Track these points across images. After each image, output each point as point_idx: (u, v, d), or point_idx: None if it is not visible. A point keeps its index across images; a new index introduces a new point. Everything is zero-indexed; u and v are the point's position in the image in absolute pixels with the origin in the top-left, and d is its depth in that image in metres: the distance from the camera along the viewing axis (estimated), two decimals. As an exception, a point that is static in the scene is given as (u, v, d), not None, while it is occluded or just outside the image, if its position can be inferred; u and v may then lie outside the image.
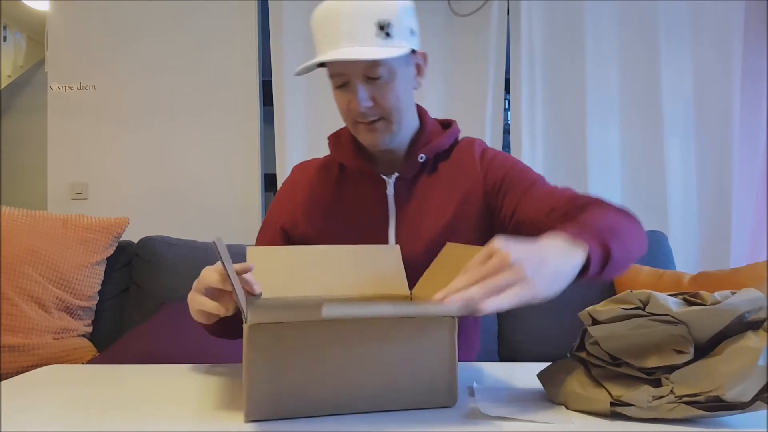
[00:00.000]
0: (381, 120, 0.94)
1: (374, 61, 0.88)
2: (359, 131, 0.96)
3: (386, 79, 0.91)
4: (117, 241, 1.80)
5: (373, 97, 0.92)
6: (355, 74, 0.90)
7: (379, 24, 0.87)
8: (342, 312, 0.52)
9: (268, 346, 0.60)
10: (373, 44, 0.87)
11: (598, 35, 2.35)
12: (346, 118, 0.97)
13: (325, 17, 0.90)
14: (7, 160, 2.89)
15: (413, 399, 0.64)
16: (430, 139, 1.01)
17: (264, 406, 0.60)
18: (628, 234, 0.76)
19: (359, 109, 0.91)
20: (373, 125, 0.94)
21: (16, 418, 0.62)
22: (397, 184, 1.00)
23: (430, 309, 0.59)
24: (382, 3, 0.88)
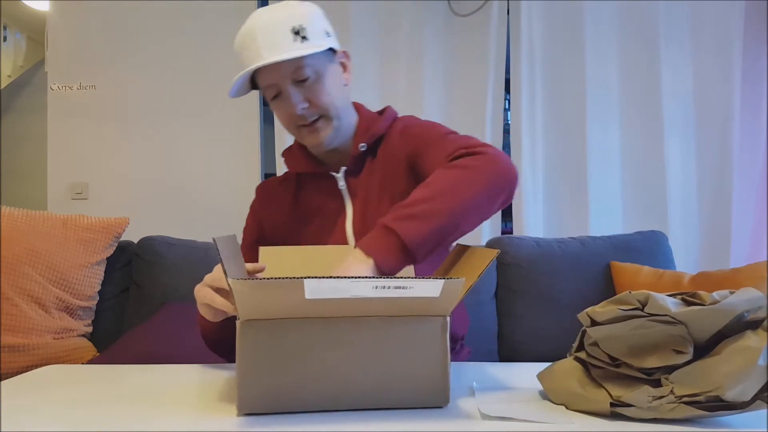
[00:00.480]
0: (320, 119, 0.98)
1: (298, 62, 0.92)
2: (303, 135, 1.00)
3: (314, 79, 0.95)
4: (117, 241, 1.80)
5: (306, 98, 0.96)
6: (283, 80, 0.94)
7: (294, 30, 0.92)
8: (323, 293, 0.56)
9: (261, 342, 0.61)
10: (293, 49, 0.91)
11: (598, 35, 2.35)
12: (288, 126, 1.00)
13: (243, 38, 0.94)
14: (7, 160, 2.89)
15: (405, 397, 0.64)
16: (368, 128, 1.05)
17: (256, 400, 0.61)
18: (443, 204, 0.78)
19: (296, 112, 0.95)
20: (314, 125, 0.98)
21: (16, 418, 0.62)
22: (348, 178, 1.04)
23: (410, 292, 0.59)
24: (292, 12, 0.94)
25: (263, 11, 0.95)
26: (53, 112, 2.43)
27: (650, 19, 2.33)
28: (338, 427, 0.59)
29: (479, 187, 0.81)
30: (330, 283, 0.57)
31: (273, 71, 0.93)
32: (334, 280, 0.57)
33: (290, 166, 1.10)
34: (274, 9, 0.95)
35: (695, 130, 2.35)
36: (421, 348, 0.63)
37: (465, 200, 0.80)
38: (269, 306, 0.60)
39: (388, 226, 0.77)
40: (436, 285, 0.58)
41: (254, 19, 0.94)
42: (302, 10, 0.95)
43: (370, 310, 0.61)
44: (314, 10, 0.98)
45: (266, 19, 0.93)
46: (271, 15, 0.94)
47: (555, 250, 1.88)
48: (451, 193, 0.80)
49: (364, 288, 0.58)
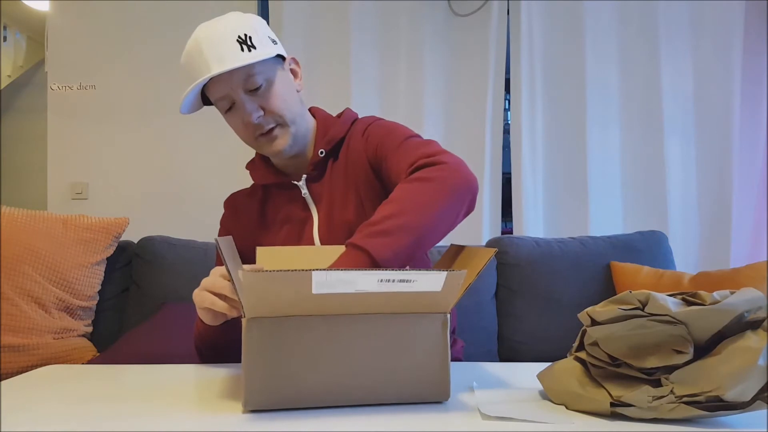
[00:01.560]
0: (276, 127, 0.98)
1: (249, 70, 0.93)
2: (262, 145, 0.99)
3: (266, 86, 0.96)
4: (117, 241, 1.80)
5: (260, 106, 0.95)
6: (235, 91, 0.94)
7: (240, 40, 0.92)
8: (330, 286, 0.58)
9: (266, 339, 0.62)
10: (241, 59, 0.91)
11: (598, 35, 2.35)
12: (247, 139, 1.00)
13: (189, 53, 0.94)
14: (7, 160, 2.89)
15: (407, 393, 0.65)
16: (326, 132, 1.05)
17: (261, 396, 0.62)
18: (409, 218, 0.79)
19: (252, 120, 0.95)
20: (271, 134, 0.98)
21: (16, 418, 0.62)
22: (310, 185, 1.04)
23: (414, 285, 0.61)
24: (235, 23, 0.94)
25: (205, 26, 0.95)
26: (53, 112, 2.42)
27: (650, 19, 2.33)
28: (341, 423, 0.59)
29: (444, 200, 0.83)
30: (337, 275, 0.58)
31: (224, 82, 0.93)
32: (341, 272, 0.59)
33: (255, 178, 1.10)
34: (216, 22, 0.95)
35: (695, 130, 2.35)
36: (422, 344, 0.65)
37: (431, 214, 0.81)
38: (275, 300, 0.60)
39: (358, 245, 0.78)
40: (438, 277, 0.60)
41: (198, 33, 0.94)
42: (245, 20, 0.96)
43: (373, 307, 0.62)
44: (256, 18, 0.98)
45: (210, 32, 0.93)
46: (215, 28, 0.94)
47: (555, 250, 1.88)
48: (417, 208, 0.81)
49: (370, 281, 0.59)
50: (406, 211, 0.80)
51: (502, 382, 0.78)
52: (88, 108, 2.42)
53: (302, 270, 0.58)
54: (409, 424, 0.59)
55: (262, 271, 0.61)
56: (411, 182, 0.84)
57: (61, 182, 2.42)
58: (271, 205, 1.08)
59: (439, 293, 0.62)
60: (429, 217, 0.81)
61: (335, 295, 0.60)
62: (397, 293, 0.61)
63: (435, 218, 0.81)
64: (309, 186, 1.04)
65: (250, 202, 1.11)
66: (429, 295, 0.62)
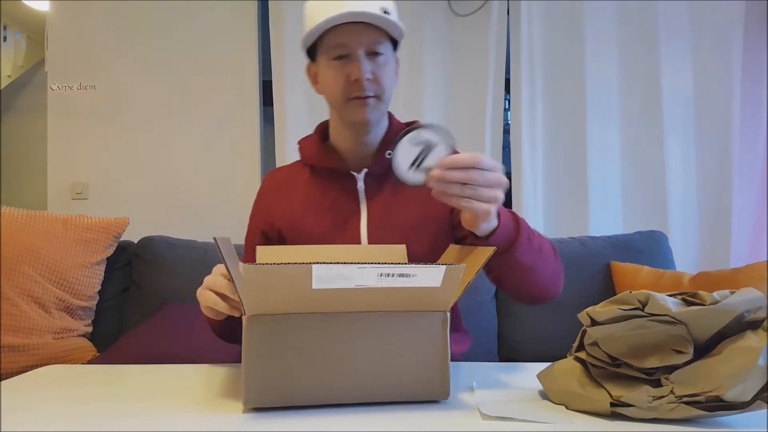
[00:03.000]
0: (374, 97, 0.97)
1: (379, 36, 0.94)
2: (351, 107, 0.98)
3: (385, 59, 0.97)
4: (117, 241, 1.80)
5: (372, 71, 0.95)
6: (358, 45, 0.94)
7: (383, 9, 0.93)
8: (330, 281, 0.59)
9: (266, 337, 0.62)
10: (380, 17, 0.92)
11: (598, 35, 2.35)
12: (339, 94, 0.98)
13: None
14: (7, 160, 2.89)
15: (406, 391, 0.65)
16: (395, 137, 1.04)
17: (262, 394, 0.62)
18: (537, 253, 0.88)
19: (364, 77, 0.94)
20: (367, 100, 0.96)
21: (16, 418, 0.62)
22: (367, 180, 1.03)
23: (413, 280, 0.61)
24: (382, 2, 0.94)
25: None
26: (53, 112, 2.42)
27: (650, 19, 2.33)
28: (341, 422, 0.59)
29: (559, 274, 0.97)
30: (336, 269, 0.58)
31: (351, 32, 0.93)
32: (340, 266, 0.59)
33: (307, 156, 1.08)
34: None
35: (695, 130, 2.34)
36: (422, 342, 0.65)
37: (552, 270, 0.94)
38: (276, 296, 0.60)
39: (518, 216, 0.86)
40: (437, 272, 0.60)
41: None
42: (390, 2, 0.97)
43: (373, 304, 0.63)
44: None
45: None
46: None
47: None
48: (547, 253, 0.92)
49: (369, 276, 0.59)
50: (546, 251, 0.91)
51: (502, 382, 0.78)
52: (88, 108, 2.42)
53: (302, 264, 0.58)
54: (409, 424, 0.59)
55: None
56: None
57: (61, 182, 2.42)
58: (318, 188, 1.05)
59: (438, 289, 0.62)
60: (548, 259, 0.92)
61: (335, 291, 0.60)
62: (397, 289, 0.61)
63: (549, 273, 0.93)
64: (366, 180, 1.03)
65: (293, 180, 1.08)
66: (429, 292, 0.62)
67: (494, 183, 0.73)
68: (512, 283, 0.91)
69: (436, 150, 0.74)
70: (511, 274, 0.88)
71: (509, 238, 0.83)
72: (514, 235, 0.84)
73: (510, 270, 0.87)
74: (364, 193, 1.03)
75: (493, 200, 0.74)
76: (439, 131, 0.74)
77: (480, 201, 0.73)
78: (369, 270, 0.59)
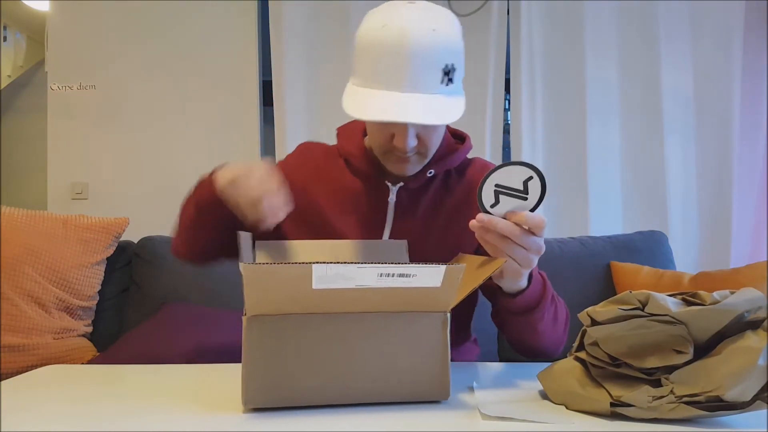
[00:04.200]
0: (416, 154, 0.91)
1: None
2: (389, 160, 0.92)
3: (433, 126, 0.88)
4: (117, 241, 1.79)
5: (418, 135, 0.87)
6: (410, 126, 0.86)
7: (445, 70, 0.81)
8: (330, 280, 0.59)
9: (266, 337, 0.62)
10: (437, 92, 0.80)
11: (598, 35, 2.35)
12: (380, 148, 0.92)
13: (388, 49, 0.79)
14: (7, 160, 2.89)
15: (406, 392, 0.65)
16: (443, 155, 0.99)
17: (261, 395, 0.62)
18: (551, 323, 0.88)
19: (404, 149, 0.86)
20: (409, 158, 0.91)
21: (16, 418, 0.62)
22: (400, 194, 0.98)
23: (413, 280, 0.61)
24: (449, 44, 0.81)
25: (421, 25, 0.79)
26: (53, 112, 2.42)
27: (650, 19, 2.33)
28: (341, 422, 0.59)
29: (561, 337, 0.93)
30: (336, 269, 0.58)
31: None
32: (340, 266, 0.58)
33: (346, 150, 1.00)
34: (433, 28, 0.79)
35: (695, 130, 2.34)
36: (422, 343, 0.65)
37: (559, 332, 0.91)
38: (275, 296, 0.60)
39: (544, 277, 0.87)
40: (438, 272, 0.60)
41: (411, 34, 0.78)
42: (457, 42, 0.83)
43: (374, 304, 0.62)
44: (462, 40, 0.85)
45: (424, 45, 0.78)
46: (430, 40, 0.78)
47: (555, 250, 1.87)
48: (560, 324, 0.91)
49: (369, 276, 0.59)
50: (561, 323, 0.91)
51: (502, 382, 0.78)
52: (88, 108, 2.42)
53: (302, 264, 0.58)
54: (409, 424, 0.59)
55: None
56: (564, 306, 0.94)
57: (61, 182, 2.42)
58: (350, 186, 0.99)
59: (438, 289, 0.62)
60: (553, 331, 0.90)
61: (335, 291, 0.60)
62: (398, 289, 0.61)
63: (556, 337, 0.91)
64: (399, 194, 0.98)
65: (328, 166, 1.01)
66: (429, 292, 0.62)
67: (534, 248, 0.73)
68: (517, 337, 0.92)
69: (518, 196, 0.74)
70: (520, 330, 0.89)
71: (533, 302, 0.84)
72: (536, 303, 0.84)
73: (521, 328, 0.88)
74: (394, 208, 0.98)
75: (527, 265, 0.74)
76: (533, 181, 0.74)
77: (516, 260, 0.74)
78: (369, 270, 0.59)
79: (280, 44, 2.33)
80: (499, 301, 0.87)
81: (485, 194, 0.73)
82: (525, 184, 0.73)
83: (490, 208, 0.73)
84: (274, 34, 2.35)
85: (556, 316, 0.90)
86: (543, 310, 0.85)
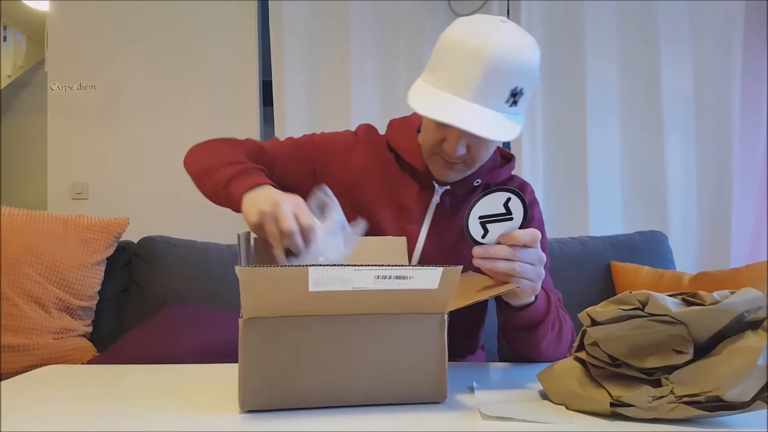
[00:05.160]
0: (463, 163, 0.92)
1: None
2: (436, 162, 0.93)
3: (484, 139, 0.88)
4: (117, 241, 1.79)
5: (468, 145, 0.88)
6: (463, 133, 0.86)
7: (513, 91, 0.82)
8: (327, 283, 0.58)
9: (263, 339, 0.62)
10: (499, 110, 0.81)
11: (598, 35, 2.35)
12: (428, 147, 0.93)
13: (468, 55, 0.80)
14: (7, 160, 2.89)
15: (404, 393, 0.65)
16: (492, 168, 1.00)
17: (258, 397, 0.62)
18: (555, 342, 0.90)
19: (452, 154, 0.88)
20: (454, 165, 0.91)
21: (16, 418, 0.62)
22: (443, 196, 0.99)
23: (410, 282, 0.61)
24: (525, 67, 0.82)
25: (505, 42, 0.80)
26: (53, 112, 2.42)
27: (650, 19, 2.33)
28: (339, 424, 0.59)
29: (561, 351, 0.93)
30: (333, 272, 0.58)
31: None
32: (337, 268, 0.58)
33: (398, 144, 1.00)
34: (515, 49, 0.81)
35: (695, 130, 2.34)
36: (419, 345, 0.65)
37: (557, 349, 0.92)
38: (272, 299, 0.60)
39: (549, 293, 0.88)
40: (434, 274, 0.60)
41: (494, 47, 0.79)
42: (533, 69, 0.84)
43: (371, 306, 0.62)
44: (536, 64, 0.85)
45: (502, 60, 0.79)
46: (509, 58, 0.80)
47: (555, 250, 1.87)
48: (563, 345, 0.92)
49: (366, 278, 0.59)
50: (566, 339, 0.92)
51: (502, 382, 0.78)
52: (88, 108, 2.42)
53: (299, 266, 0.58)
54: (408, 425, 0.59)
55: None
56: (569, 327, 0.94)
57: (61, 182, 2.42)
58: (397, 177, 0.99)
59: (435, 291, 0.62)
60: (556, 349, 0.91)
61: (332, 294, 0.60)
62: (395, 291, 0.61)
63: (559, 353, 0.92)
64: (442, 196, 0.98)
65: (379, 156, 1.01)
66: (426, 294, 0.62)
67: (537, 260, 0.75)
68: (518, 349, 0.92)
69: (503, 219, 0.75)
70: (523, 343, 0.90)
71: (539, 317, 0.85)
72: (542, 316, 0.85)
73: (525, 345, 0.89)
74: (434, 210, 0.98)
75: (538, 278, 0.76)
76: (512, 201, 0.74)
77: (527, 278, 0.75)
78: (366, 272, 0.59)
79: (280, 44, 2.33)
80: (505, 315, 0.89)
81: (473, 230, 0.75)
82: (506, 206, 0.75)
83: (481, 239, 0.76)
84: (274, 34, 2.35)
85: (560, 336, 0.90)
86: (547, 326, 0.86)
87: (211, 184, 0.91)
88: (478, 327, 1.10)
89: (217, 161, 0.92)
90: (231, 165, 0.89)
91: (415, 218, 0.98)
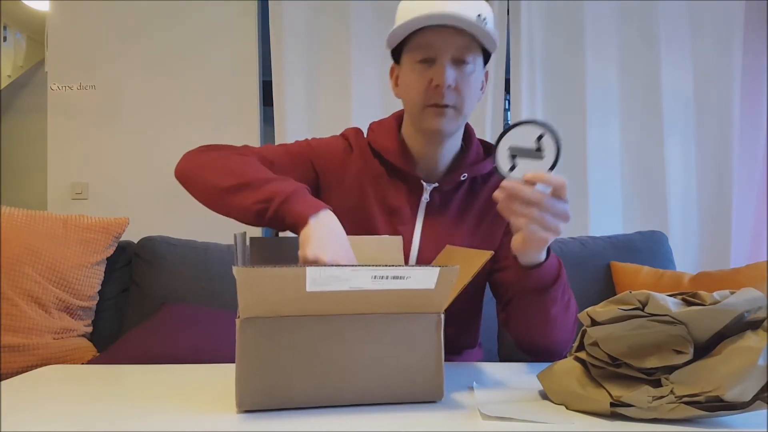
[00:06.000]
0: (452, 108, 0.93)
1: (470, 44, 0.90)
2: (427, 114, 0.93)
3: (471, 68, 0.92)
4: (117, 241, 1.79)
5: (456, 80, 0.91)
6: (445, 50, 0.90)
7: (480, 16, 0.88)
8: (324, 283, 0.58)
9: (260, 339, 0.62)
10: (475, 25, 0.87)
11: (598, 35, 2.35)
12: (416, 98, 0.94)
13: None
14: (7, 160, 2.89)
15: (400, 392, 0.65)
16: (475, 161, 1.01)
17: (255, 397, 0.62)
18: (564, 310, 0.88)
19: (444, 83, 0.89)
20: (445, 109, 0.92)
21: (16, 418, 0.62)
22: (433, 194, 1.00)
23: (407, 282, 0.61)
24: (480, 4, 0.90)
25: None
26: (53, 112, 2.42)
27: (650, 19, 2.33)
28: (336, 423, 0.59)
29: (570, 331, 0.91)
30: (330, 272, 0.58)
31: (440, 35, 0.89)
32: (334, 268, 0.58)
33: (381, 146, 1.01)
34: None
35: (695, 130, 2.35)
36: (416, 344, 0.65)
37: (568, 324, 0.90)
38: (269, 299, 0.60)
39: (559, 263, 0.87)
40: (431, 274, 0.60)
41: None
42: (488, 7, 0.92)
43: (368, 306, 0.62)
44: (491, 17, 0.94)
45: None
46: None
47: (555, 251, 1.87)
48: (570, 315, 0.90)
49: (363, 278, 0.59)
50: (572, 314, 0.90)
51: (502, 382, 0.78)
52: (88, 108, 2.42)
53: (296, 266, 0.58)
54: (406, 425, 0.59)
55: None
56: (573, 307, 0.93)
57: (61, 182, 2.42)
58: (384, 182, 1.00)
59: (432, 291, 0.62)
60: (564, 319, 0.89)
61: (329, 294, 0.60)
62: (392, 291, 0.61)
63: (566, 330, 0.90)
64: (432, 194, 0.99)
65: (364, 161, 1.01)
66: (423, 294, 0.62)
67: (561, 214, 0.72)
68: (527, 323, 0.90)
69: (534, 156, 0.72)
70: (532, 314, 0.87)
71: (550, 278, 0.83)
72: (554, 278, 0.84)
73: (533, 311, 0.86)
74: (425, 208, 1.00)
75: (554, 231, 0.73)
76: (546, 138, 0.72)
77: (541, 227, 0.72)
78: (363, 272, 0.59)
79: (280, 44, 2.33)
80: (516, 278, 0.86)
81: (501, 159, 0.72)
82: (538, 142, 0.71)
83: (509, 172, 0.72)
84: (274, 34, 2.35)
85: (569, 305, 0.89)
86: (558, 290, 0.84)
87: (251, 201, 0.84)
88: (476, 318, 1.09)
89: (253, 175, 0.87)
90: (278, 181, 0.86)
91: (407, 218, 0.99)
